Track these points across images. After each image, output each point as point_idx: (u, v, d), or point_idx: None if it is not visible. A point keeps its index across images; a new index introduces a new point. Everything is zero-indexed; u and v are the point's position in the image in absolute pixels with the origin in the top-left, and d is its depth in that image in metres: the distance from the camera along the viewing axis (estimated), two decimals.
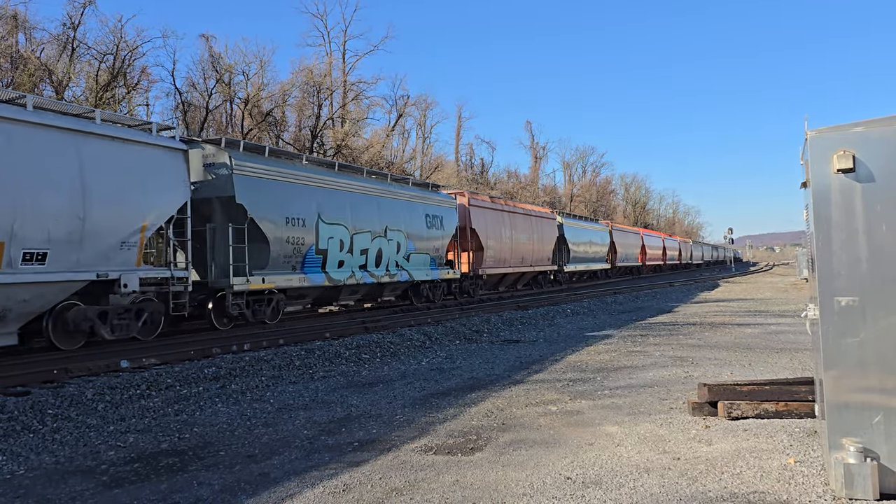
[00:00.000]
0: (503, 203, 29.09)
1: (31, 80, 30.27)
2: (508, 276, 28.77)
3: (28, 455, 5.72)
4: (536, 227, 30.78)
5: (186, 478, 4.96)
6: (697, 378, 8.30)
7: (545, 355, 10.91)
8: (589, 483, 4.55)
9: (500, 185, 70.34)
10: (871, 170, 4.12)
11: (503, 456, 5.26)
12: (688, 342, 12.09)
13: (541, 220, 31.80)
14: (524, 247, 29.27)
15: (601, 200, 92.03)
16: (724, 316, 17.44)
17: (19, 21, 32.80)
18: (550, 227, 33.08)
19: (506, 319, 16.51)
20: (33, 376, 8.67)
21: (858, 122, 4.21)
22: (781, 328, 13.96)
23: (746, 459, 4.94)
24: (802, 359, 9.67)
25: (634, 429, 5.97)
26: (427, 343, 12.71)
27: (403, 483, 4.68)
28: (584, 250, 39.32)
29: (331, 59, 50.54)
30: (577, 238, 37.70)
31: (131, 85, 36.73)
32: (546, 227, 32.22)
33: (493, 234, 26.17)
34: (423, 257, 21.13)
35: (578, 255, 37.99)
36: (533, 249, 30.19)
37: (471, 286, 25.13)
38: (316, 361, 10.43)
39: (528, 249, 29.64)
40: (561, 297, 24.97)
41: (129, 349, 11.22)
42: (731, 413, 6.13)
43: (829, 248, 4.19)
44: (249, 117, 41.72)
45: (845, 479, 3.95)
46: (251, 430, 6.39)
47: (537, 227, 30.91)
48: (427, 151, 62.84)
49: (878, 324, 4.07)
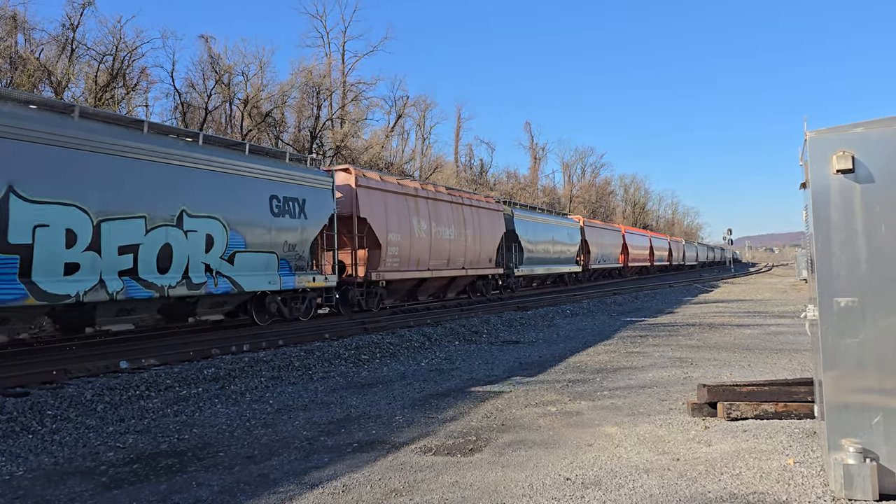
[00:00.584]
0: (419, 187, 22.03)
1: (30, 80, 30.26)
2: (427, 282, 22.23)
3: (27, 456, 5.72)
4: (472, 220, 24.35)
5: (186, 479, 4.95)
6: (697, 379, 8.30)
7: (544, 356, 10.91)
8: (588, 484, 4.55)
9: (499, 186, 70.29)
10: (871, 171, 4.12)
11: (502, 457, 5.26)
12: (687, 343, 12.09)
13: (477, 210, 25.06)
14: (452, 245, 22.71)
15: (600, 201, 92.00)
16: (723, 317, 17.44)
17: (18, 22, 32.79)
18: (494, 220, 26.38)
19: (505, 320, 16.51)
20: (32, 377, 8.67)
21: (858, 122, 4.21)
22: (781, 329, 13.96)
23: (746, 460, 4.94)
24: (802, 359, 9.68)
25: (634, 429, 5.97)
26: (426, 344, 12.71)
27: (403, 484, 4.68)
28: (545, 250, 32.71)
29: (330, 59, 50.56)
30: (534, 235, 31.03)
31: (130, 86, 36.71)
32: (487, 220, 25.65)
33: (397, 227, 19.69)
34: (265, 258, 14.52)
35: (536, 256, 31.24)
36: (465, 248, 23.62)
37: (364, 296, 18.56)
38: (315, 362, 10.42)
39: (457, 248, 23.11)
40: (560, 298, 24.96)
41: (129, 350, 11.22)
42: (730, 414, 6.13)
43: (828, 249, 4.20)
44: (249, 118, 41.71)
45: (845, 479, 3.96)
46: (250, 431, 6.38)
47: (473, 220, 24.42)
48: (426, 152, 62.83)
49: (878, 324, 4.08)
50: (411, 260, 20.40)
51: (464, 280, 24.80)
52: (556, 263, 34.51)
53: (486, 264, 25.50)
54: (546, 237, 32.84)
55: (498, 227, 26.60)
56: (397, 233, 19.61)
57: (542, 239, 32.06)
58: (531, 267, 30.73)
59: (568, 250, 36.17)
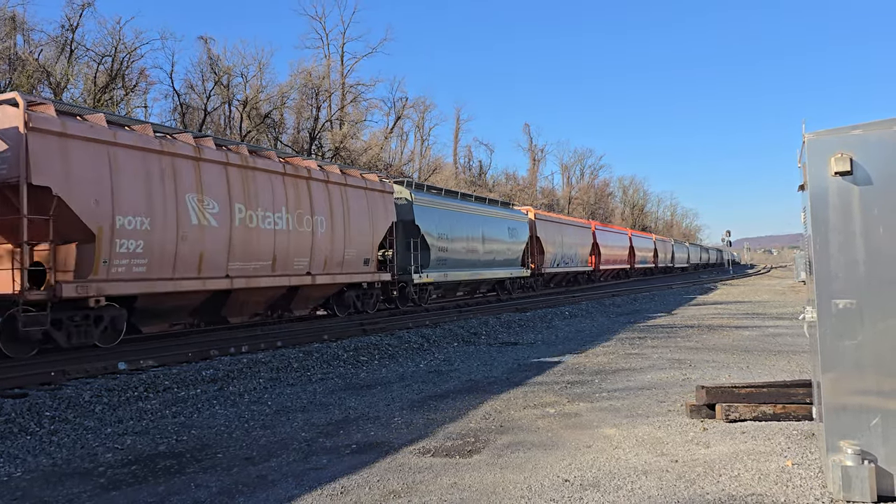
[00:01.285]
0: (212, 146, 13.85)
1: (29, 81, 30.25)
2: (233, 295, 14.39)
3: (25, 457, 5.71)
4: (327, 202, 16.92)
5: (184, 480, 4.95)
6: (695, 380, 8.30)
7: (543, 358, 10.91)
8: (587, 485, 4.55)
9: (498, 188, 70.35)
10: (869, 173, 4.12)
11: (501, 458, 5.26)
12: (686, 345, 12.09)
13: (342, 188, 17.61)
14: (283, 238, 15.34)
15: (599, 203, 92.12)
16: (721, 318, 17.45)
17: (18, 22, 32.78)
18: (376, 204, 18.99)
19: (504, 322, 16.51)
20: (31, 378, 8.66)
21: (856, 124, 4.22)
22: (779, 331, 13.97)
23: (744, 462, 4.95)
24: (800, 361, 9.68)
25: (632, 431, 5.97)
26: (425, 345, 12.71)
27: (401, 485, 4.68)
28: (469, 249, 24.37)
29: (329, 61, 50.61)
30: (449, 229, 22.93)
31: (129, 87, 36.73)
32: (360, 204, 18.24)
33: (139, 206, 11.95)
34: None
35: (453, 257, 23.25)
36: (313, 243, 16.29)
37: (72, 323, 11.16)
38: (314, 363, 10.42)
39: (297, 243, 15.77)
40: (559, 299, 24.97)
41: (127, 351, 11.21)
42: (728, 415, 6.13)
43: (826, 251, 4.20)
44: (248, 119, 41.73)
45: (843, 481, 3.96)
46: (249, 433, 6.38)
47: (330, 203, 17.03)
48: (425, 153, 62.93)
49: (876, 326, 4.08)
50: (181, 261, 12.76)
51: (315, 291, 17.01)
52: (487, 267, 25.89)
53: (358, 268, 17.93)
54: (469, 232, 24.60)
55: (381, 216, 19.01)
56: (139, 216, 11.93)
57: (462, 234, 23.96)
58: (444, 271, 22.51)
59: (509, 250, 27.99)
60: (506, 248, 27.84)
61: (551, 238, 34.20)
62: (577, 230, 39.78)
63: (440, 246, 22.45)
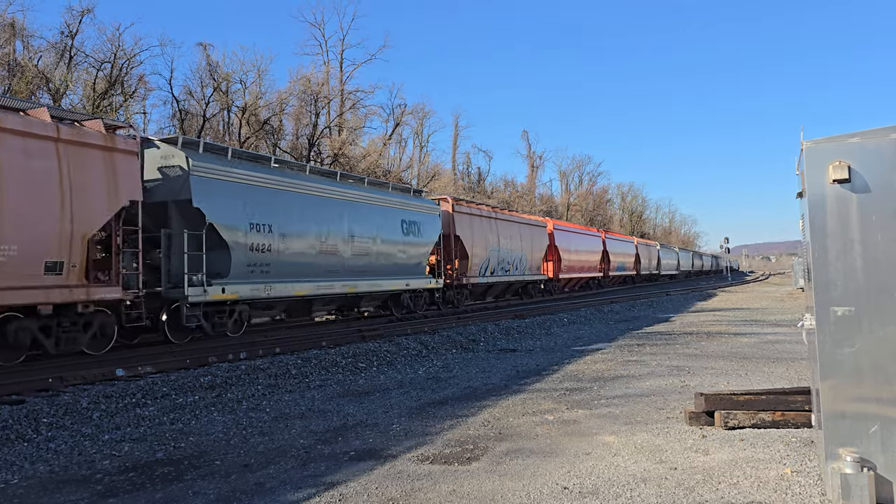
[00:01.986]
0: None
1: (28, 87, 30.28)
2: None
3: (22, 464, 5.69)
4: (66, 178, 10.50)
5: (182, 487, 4.93)
6: (694, 388, 8.30)
7: (542, 364, 10.90)
8: (586, 493, 4.54)
9: (496, 194, 70.43)
10: (867, 180, 4.14)
11: (500, 465, 5.25)
12: (684, 352, 12.09)
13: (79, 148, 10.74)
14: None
15: (598, 209, 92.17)
16: (720, 325, 17.45)
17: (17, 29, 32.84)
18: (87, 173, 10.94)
19: (502, 328, 16.50)
20: (28, 384, 8.64)
21: (854, 132, 4.23)
22: (778, 338, 13.98)
23: (743, 469, 4.94)
24: (799, 368, 9.68)
25: (631, 438, 5.96)
26: (423, 352, 12.69)
27: (400, 493, 4.66)
28: (328, 248, 16.94)
29: (328, 67, 50.73)
30: (277, 219, 15.28)
31: (128, 93, 36.76)
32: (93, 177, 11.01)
33: None
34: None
35: (287, 262, 15.59)
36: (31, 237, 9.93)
37: None
38: (312, 370, 10.40)
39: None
40: (558, 305, 24.97)
41: (125, 357, 11.18)
42: (727, 423, 6.13)
43: (825, 258, 4.21)
44: (247, 125, 41.77)
45: (842, 489, 3.95)
46: (247, 440, 6.36)
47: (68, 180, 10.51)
48: (424, 160, 62.99)
49: (875, 333, 4.09)
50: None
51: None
52: (360, 276, 18.11)
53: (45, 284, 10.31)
54: (321, 225, 16.72)
55: (112, 191, 11.36)
56: None
57: (302, 227, 16.07)
58: (265, 283, 14.76)
59: (403, 252, 20.12)
60: (398, 249, 19.77)
61: (476, 238, 24.95)
62: (525, 230, 30.64)
63: (253, 243, 14.41)
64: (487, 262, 26.16)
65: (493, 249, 26.49)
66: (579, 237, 40.50)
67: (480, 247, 25.45)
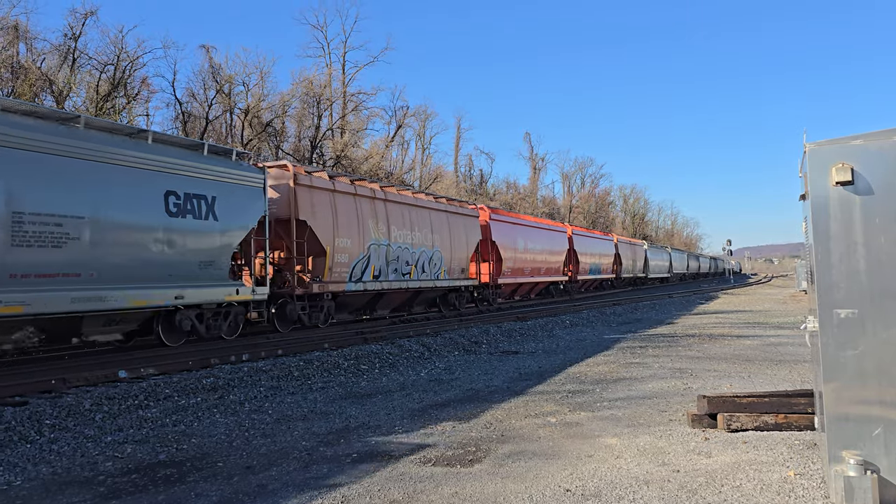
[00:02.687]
0: None
1: (31, 90, 30.36)
2: None
3: (25, 465, 5.70)
4: None
5: (184, 489, 4.93)
6: (697, 390, 8.29)
7: (544, 367, 10.90)
8: (588, 495, 4.54)
9: (498, 196, 70.46)
10: (870, 183, 4.13)
11: (502, 468, 5.25)
12: (687, 354, 12.07)
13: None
14: None
15: (600, 212, 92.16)
16: (723, 328, 17.43)
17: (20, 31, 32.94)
18: None
19: (505, 330, 16.50)
20: (31, 386, 8.64)
21: (857, 135, 4.23)
22: (781, 340, 13.95)
23: (746, 472, 4.93)
24: (802, 371, 9.67)
25: (634, 441, 5.96)
26: (426, 354, 12.69)
27: (402, 495, 4.66)
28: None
29: (331, 70, 50.80)
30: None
31: (131, 95, 36.85)
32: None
33: None
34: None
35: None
36: None
37: None
38: (314, 372, 10.41)
39: None
40: (559, 308, 24.95)
41: (127, 359, 11.19)
42: (730, 425, 6.12)
43: (828, 261, 4.20)
44: (249, 128, 41.85)
45: (845, 492, 3.94)
46: (249, 442, 6.36)
47: None
48: (426, 162, 63.04)
49: (878, 336, 4.08)
50: None
51: None
52: (52, 285, 10.07)
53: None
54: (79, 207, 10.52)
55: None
56: None
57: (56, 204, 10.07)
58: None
59: (178, 246, 12.46)
60: (155, 239, 12.04)
61: (347, 225, 17.12)
62: (441, 219, 21.82)
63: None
64: (364, 261, 17.81)
65: (374, 243, 18.14)
66: (531, 231, 30.82)
67: (347, 238, 17.07)
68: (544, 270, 32.06)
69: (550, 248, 33.00)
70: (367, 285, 17.91)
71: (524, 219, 33.27)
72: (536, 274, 31.14)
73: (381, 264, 18.67)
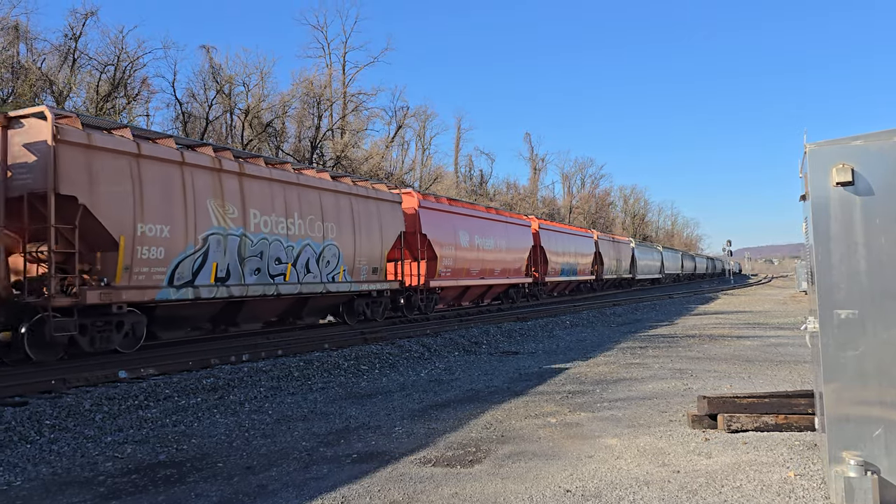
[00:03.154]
0: None
1: (31, 90, 30.37)
2: None
3: (25, 466, 5.70)
4: None
5: (184, 489, 4.93)
6: (697, 390, 8.28)
7: (544, 367, 10.89)
8: (588, 496, 4.53)
9: (498, 197, 70.46)
10: (870, 183, 4.13)
11: (502, 468, 5.24)
12: (687, 354, 12.07)
13: None
14: None
15: (600, 212, 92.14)
16: (723, 328, 17.42)
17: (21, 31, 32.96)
18: None
19: (505, 331, 16.49)
20: (31, 386, 8.64)
21: (857, 135, 4.23)
22: (781, 341, 13.95)
23: (746, 472, 4.93)
24: (802, 371, 9.66)
25: (634, 441, 5.95)
26: (426, 355, 12.69)
27: (402, 495, 4.66)
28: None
29: (331, 70, 50.82)
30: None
31: (132, 95, 36.86)
32: None
33: None
34: None
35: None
36: None
37: None
38: (314, 372, 10.40)
39: None
40: (560, 308, 24.93)
41: (127, 359, 11.19)
42: (730, 426, 6.11)
43: (828, 261, 4.20)
44: (249, 128, 41.86)
45: (846, 492, 3.94)
46: (249, 442, 6.36)
47: None
48: (426, 163, 63.05)
49: (878, 336, 4.08)
50: None
51: None
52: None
53: None
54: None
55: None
56: None
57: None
58: None
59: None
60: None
61: (158, 210, 12.04)
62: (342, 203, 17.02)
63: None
64: (196, 257, 12.77)
65: (216, 232, 13.18)
66: (481, 224, 25.18)
67: (163, 224, 12.10)
68: (500, 272, 26.32)
69: (508, 244, 27.20)
70: (202, 291, 12.76)
71: (472, 208, 26.67)
72: (489, 275, 25.24)
73: (232, 262, 13.56)
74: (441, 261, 21.74)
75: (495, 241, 26.01)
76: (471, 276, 23.98)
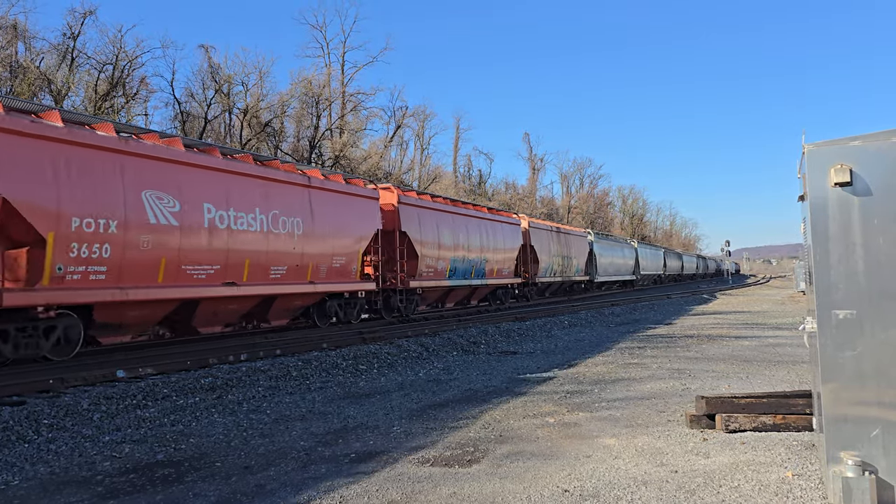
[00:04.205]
0: None
1: (30, 89, 30.33)
2: None
3: (23, 465, 5.69)
4: None
5: (182, 489, 4.93)
6: (695, 390, 8.29)
7: (542, 367, 10.89)
8: (586, 496, 4.54)
9: (497, 197, 70.45)
10: (869, 184, 4.13)
11: (500, 468, 5.24)
12: (685, 354, 12.08)
13: None
14: None
15: (598, 212, 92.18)
16: (721, 328, 17.43)
17: (19, 30, 32.91)
18: None
19: (503, 331, 16.50)
20: (29, 386, 8.63)
21: (855, 136, 4.23)
22: (779, 341, 13.96)
23: (744, 472, 4.93)
24: (800, 372, 9.67)
25: (632, 441, 5.96)
26: (424, 354, 12.68)
27: (401, 495, 4.66)
28: None
29: (330, 70, 50.81)
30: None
31: (130, 95, 36.82)
32: None
33: None
34: None
35: None
36: None
37: None
38: (313, 372, 10.40)
39: None
40: (558, 308, 24.93)
41: (126, 359, 11.18)
42: (728, 426, 6.12)
43: (826, 262, 4.20)
44: (248, 127, 41.84)
45: (843, 492, 3.94)
46: (247, 442, 6.36)
47: None
48: (425, 162, 63.09)
49: (876, 337, 4.08)
50: None
51: None
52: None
53: None
54: None
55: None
56: None
57: None
58: None
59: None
60: None
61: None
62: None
63: None
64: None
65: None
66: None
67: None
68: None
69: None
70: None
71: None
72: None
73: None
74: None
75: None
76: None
